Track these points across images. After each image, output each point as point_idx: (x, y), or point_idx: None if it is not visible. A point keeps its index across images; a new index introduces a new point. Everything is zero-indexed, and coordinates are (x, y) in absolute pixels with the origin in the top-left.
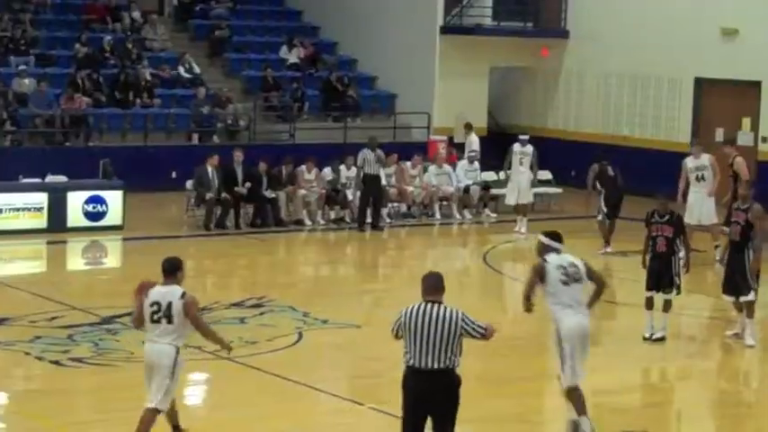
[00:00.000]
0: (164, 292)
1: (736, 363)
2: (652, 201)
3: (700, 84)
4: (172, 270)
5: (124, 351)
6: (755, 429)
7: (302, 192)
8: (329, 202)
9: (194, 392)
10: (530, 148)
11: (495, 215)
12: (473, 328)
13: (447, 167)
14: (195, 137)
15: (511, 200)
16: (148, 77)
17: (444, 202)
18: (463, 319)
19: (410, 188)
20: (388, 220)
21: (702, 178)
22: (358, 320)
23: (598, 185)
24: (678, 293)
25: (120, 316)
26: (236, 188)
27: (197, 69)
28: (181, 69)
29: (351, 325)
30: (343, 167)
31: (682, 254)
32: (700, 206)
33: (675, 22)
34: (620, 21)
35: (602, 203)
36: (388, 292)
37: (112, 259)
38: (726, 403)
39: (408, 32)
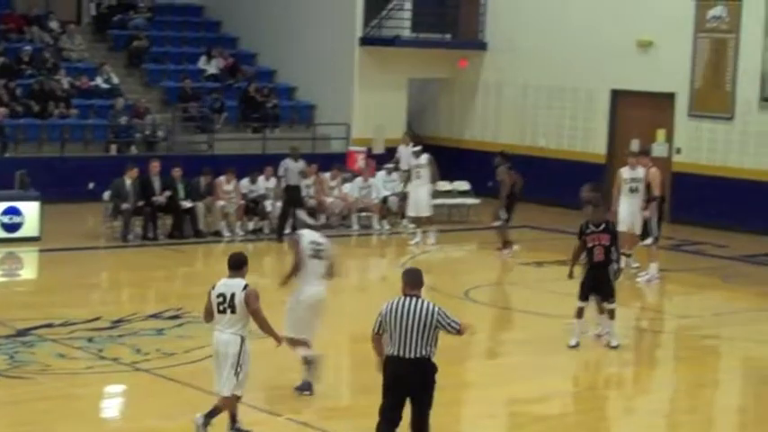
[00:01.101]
0: (229, 285)
1: (651, 371)
2: (579, 212)
3: (615, 95)
4: (238, 265)
5: (39, 363)
6: None
7: (221, 203)
8: (248, 212)
9: (111, 405)
10: (424, 159)
11: (413, 226)
12: (447, 323)
13: (372, 181)
14: (113, 148)
15: (411, 212)
16: (66, 87)
17: (364, 213)
18: (439, 314)
19: (329, 199)
20: None
21: (636, 190)
22: (277, 330)
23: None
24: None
25: (35, 328)
26: (154, 197)
27: (115, 80)
28: (99, 80)
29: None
30: (261, 178)
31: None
32: (633, 216)
33: (592, 34)
34: (537, 33)
35: (504, 208)
36: None
37: (29, 271)
38: (641, 412)
39: (327, 43)
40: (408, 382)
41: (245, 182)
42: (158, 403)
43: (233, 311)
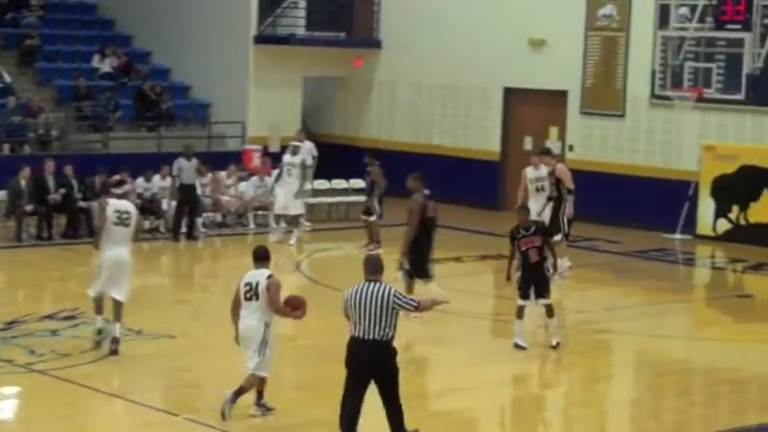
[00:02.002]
0: (255, 274)
1: (546, 366)
2: (471, 210)
3: (509, 93)
4: (263, 257)
5: None
6: None
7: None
8: (143, 211)
9: (5, 407)
10: (297, 159)
11: (309, 224)
12: (405, 302)
13: (267, 179)
14: (6, 147)
15: (277, 209)
16: None
17: (260, 212)
18: (395, 295)
19: (225, 198)
20: (203, 230)
21: (542, 189)
22: (173, 331)
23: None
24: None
25: None
26: (49, 196)
27: (7, 79)
28: None
29: (165, 335)
30: (157, 177)
31: (551, 260)
32: (538, 215)
33: (484, 32)
34: (430, 31)
35: (377, 204)
36: (203, 301)
37: None
38: (536, 407)
39: (222, 42)
40: (369, 363)
41: (140, 181)
42: (53, 404)
43: (257, 298)
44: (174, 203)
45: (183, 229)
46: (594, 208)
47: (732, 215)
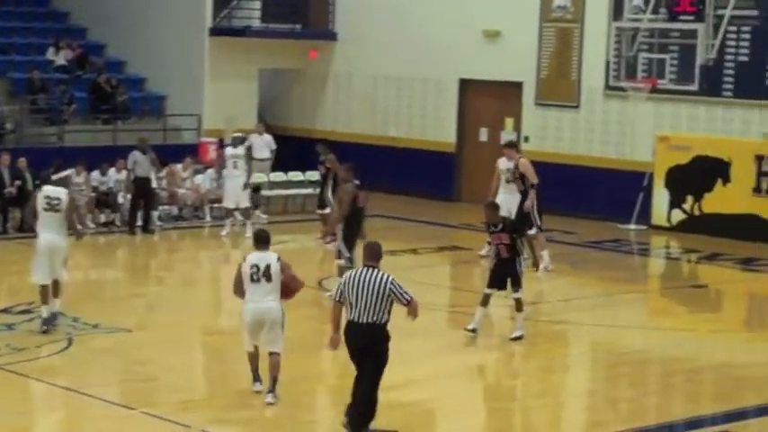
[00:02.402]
0: (262, 257)
1: (502, 356)
2: (429, 201)
3: (464, 85)
4: (267, 240)
5: None
6: (523, 424)
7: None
8: (99, 205)
9: None
10: (241, 150)
11: (266, 216)
12: (400, 293)
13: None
14: None
15: (229, 204)
16: None
17: (216, 204)
18: (392, 283)
19: (181, 190)
20: (159, 223)
21: (513, 180)
22: (129, 324)
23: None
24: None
25: None
26: (5, 190)
27: None
28: None
29: (122, 329)
30: (112, 170)
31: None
32: (509, 206)
33: (439, 24)
34: (385, 23)
35: (332, 196)
36: (159, 295)
37: None
38: (493, 397)
39: (177, 34)
40: (362, 345)
41: (95, 174)
42: (9, 399)
43: (268, 280)
44: (129, 197)
45: (139, 223)
46: (550, 199)
47: (686, 206)
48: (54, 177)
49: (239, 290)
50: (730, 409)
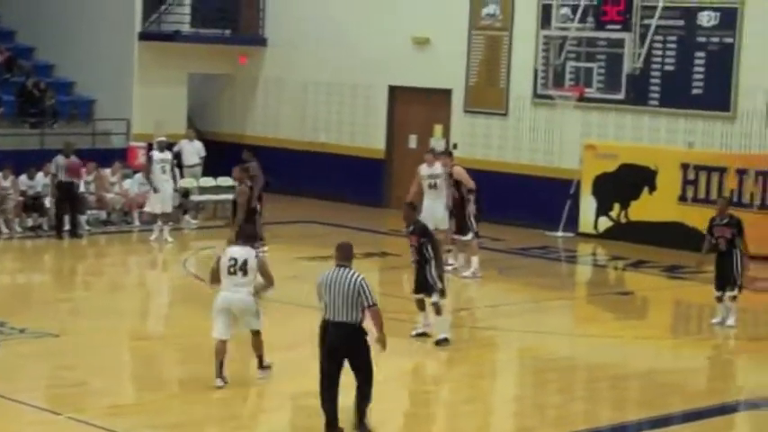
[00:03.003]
0: (241, 252)
1: (429, 362)
2: (355, 208)
3: (393, 91)
4: (249, 237)
5: None
6: (451, 430)
7: None
8: (26, 209)
9: None
10: (168, 155)
11: (195, 222)
12: (366, 296)
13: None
14: None
15: (156, 209)
16: None
17: (145, 209)
18: (361, 284)
19: (110, 195)
20: (87, 228)
21: (435, 186)
22: (56, 329)
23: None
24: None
25: None
26: None
27: None
28: None
29: (49, 334)
30: (40, 175)
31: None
32: (433, 212)
33: (369, 31)
34: (316, 30)
35: (257, 201)
36: (86, 299)
37: None
38: (422, 403)
39: (107, 38)
40: (339, 344)
41: (23, 178)
42: None
43: (244, 274)
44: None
45: (67, 227)
46: (478, 205)
47: (613, 213)
48: None
49: (215, 279)
50: (656, 415)
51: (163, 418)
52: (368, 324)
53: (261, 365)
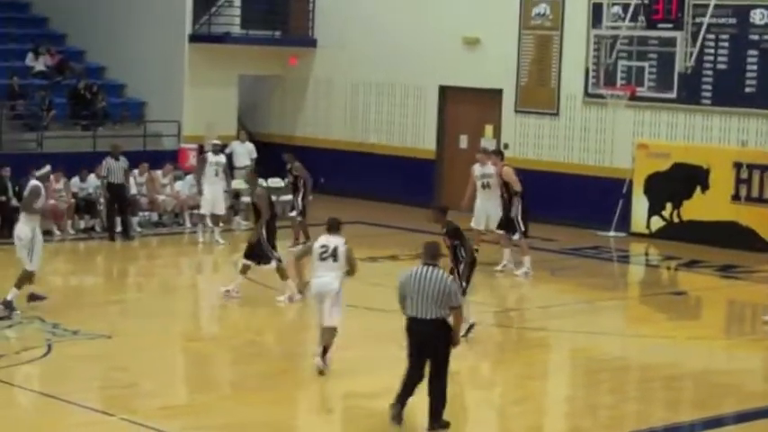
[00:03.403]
0: (331, 240)
1: (481, 363)
2: (406, 208)
3: (444, 92)
4: (336, 226)
5: None
6: (503, 431)
7: (51, 202)
8: (78, 211)
9: None
10: (223, 158)
11: (246, 223)
12: (455, 297)
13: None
14: None
15: (206, 210)
16: None
17: (196, 211)
18: (451, 284)
19: (161, 197)
20: (138, 230)
21: (488, 185)
22: (108, 331)
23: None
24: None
25: None
26: None
27: None
28: None
29: (101, 335)
30: (92, 176)
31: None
32: (487, 212)
33: (419, 31)
34: (365, 30)
35: (301, 201)
36: (138, 301)
37: None
38: (473, 404)
39: (157, 40)
40: (424, 340)
41: (75, 180)
42: None
43: (335, 260)
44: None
45: (119, 229)
46: (530, 205)
47: (665, 213)
48: (36, 174)
49: (298, 264)
50: (709, 416)
51: (214, 420)
52: None
53: (322, 355)
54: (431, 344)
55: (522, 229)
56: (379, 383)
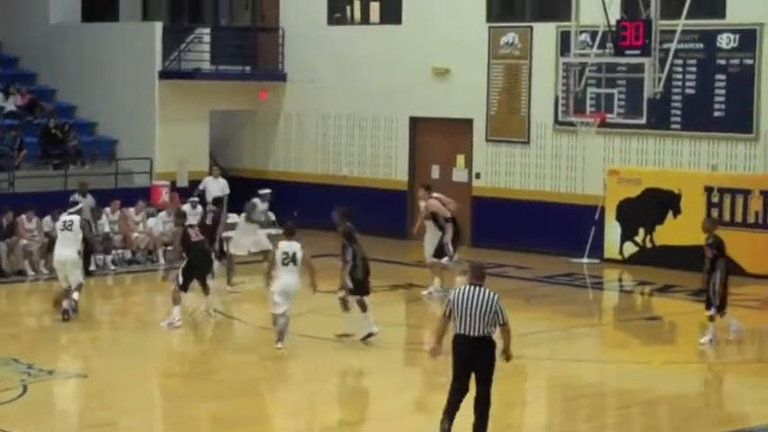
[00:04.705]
0: (291, 246)
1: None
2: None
3: (414, 122)
4: (292, 232)
5: None
6: None
7: (23, 241)
8: (51, 250)
9: None
10: (200, 209)
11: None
12: (501, 315)
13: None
14: None
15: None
16: None
17: (169, 247)
18: (497, 303)
19: (134, 234)
20: (112, 267)
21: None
22: (84, 370)
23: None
24: None
25: None
26: None
27: None
28: None
29: (77, 375)
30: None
31: None
32: (432, 243)
33: (389, 62)
34: (335, 63)
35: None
36: (114, 339)
37: None
38: None
39: (127, 78)
40: (472, 356)
41: (47, 219)
42: None
43: (294, 264)
44: None
45: (92, 267)
46: (503, 234)
47: (638, 238)
48: (71, 210)
49: (272, 268)
50: None
51: None
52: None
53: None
54: (477, 361)
55: (452, 253)
56: (354, 414)
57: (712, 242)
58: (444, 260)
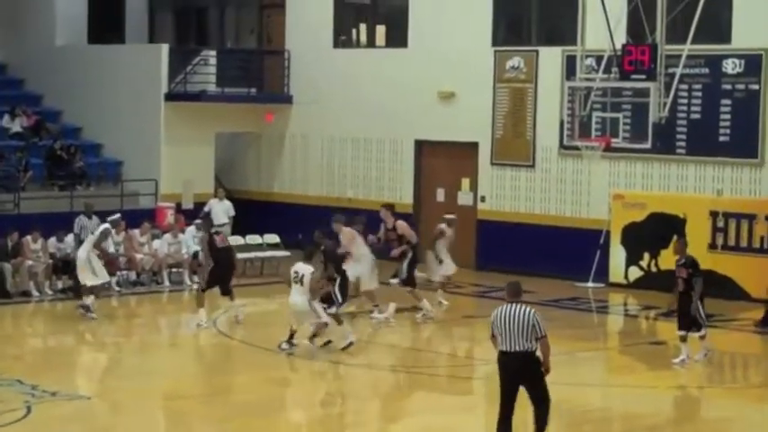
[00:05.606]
0: (302, 267)
1: (457, 417)
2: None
3: (420, 146)
4: (309, 256)
5: None
6: None
7: (29, 262)
8: (56, 271)
9: None
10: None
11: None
12: (539, 329)
13: (181, 236)
14: None
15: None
16: None
17: (174, 269)
18: (535, 317)
19: (139, 255)
20: (117, 289)
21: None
22: (88, 391)
23: None
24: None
25: None
26: None
27: None
28: None
29: (81, 396)
30: (69, 237)
31: None
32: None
33: (394, 86)
34: (341, 85)
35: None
36: (118, 361)
37: None
38: None
39: (133, 99)
40: (516, 371)
41: (52, 240)
42: None
43: (301, 284)
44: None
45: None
46: (507, 258)
47: (643, 262)
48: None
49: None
50: None
51: None
52: None
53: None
54: (523, 374)
55: (404, 276)
56: None
57: (685, 262)
58: (394, 281)
